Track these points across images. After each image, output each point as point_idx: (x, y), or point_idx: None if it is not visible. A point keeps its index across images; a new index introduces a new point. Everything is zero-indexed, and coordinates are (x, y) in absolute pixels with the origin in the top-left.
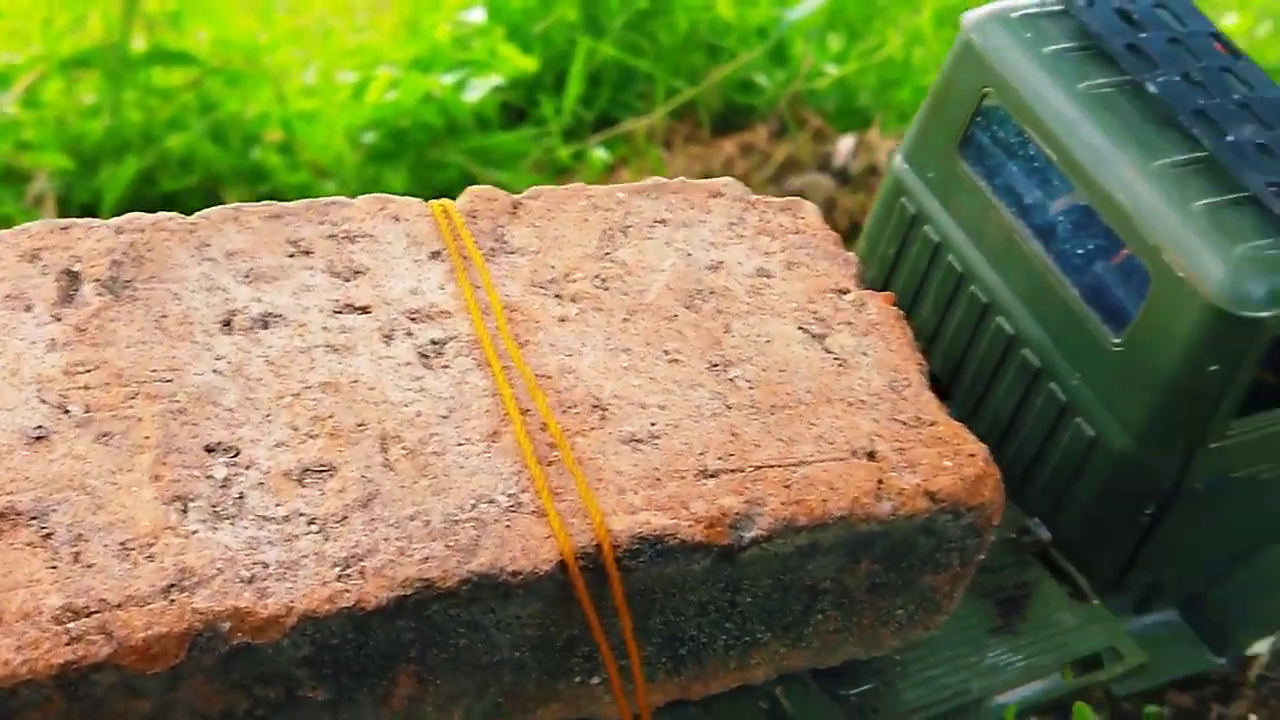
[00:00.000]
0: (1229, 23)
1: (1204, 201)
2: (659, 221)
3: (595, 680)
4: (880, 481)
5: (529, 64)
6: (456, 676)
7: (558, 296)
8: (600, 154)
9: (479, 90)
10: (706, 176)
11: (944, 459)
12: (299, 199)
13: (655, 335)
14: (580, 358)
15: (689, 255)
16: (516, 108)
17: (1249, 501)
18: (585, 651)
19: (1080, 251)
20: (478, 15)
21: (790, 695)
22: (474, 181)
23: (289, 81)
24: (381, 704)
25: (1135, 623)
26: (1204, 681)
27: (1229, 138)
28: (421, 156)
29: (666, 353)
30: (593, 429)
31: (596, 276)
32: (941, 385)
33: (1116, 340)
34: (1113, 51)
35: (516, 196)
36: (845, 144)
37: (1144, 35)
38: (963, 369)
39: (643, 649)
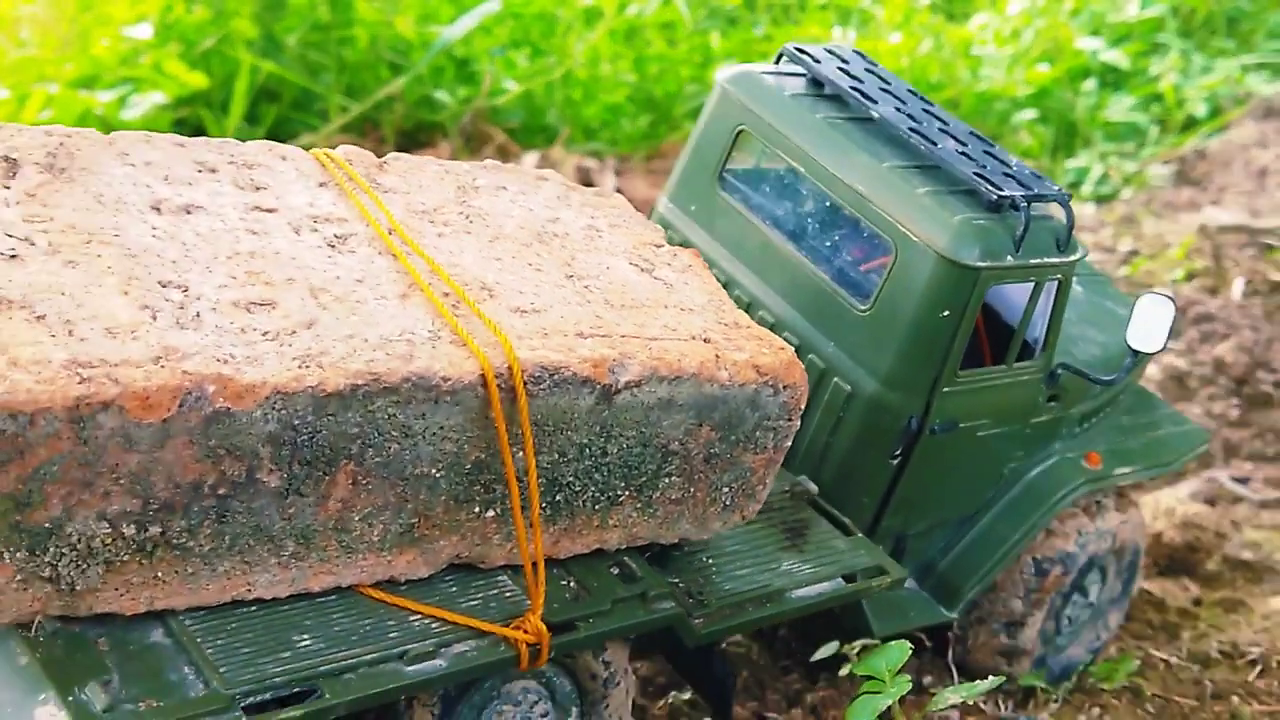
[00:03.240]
0: (893, 40)
1: (926, 189)
2: (501, 188)
3: (490, 514)
4: (718, 356)
5: (198, 80)
6: (384, 487)
7: (432, 222)
8: None
9: (140, 107)
10: None
11: (763, 348)
12: None
13: (518, 253)
14: (463, 257)
15: (531, 210)
16: (195, 125)
17: (972, 456)
18: (487, 480)
19: (827, 244)
20: (145, 31)
21: (635, 562)
22: None
23: None
24: (319, 506)
25: None
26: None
27: (939, 147)
28: None
29: (530, 264)
30: (484, 301)
31: (460, 213)
32: None
33: (863, 308)
34: (841, 91)
35: (379, 159)
36: (529, 160)
37: (863, 83)
38: None
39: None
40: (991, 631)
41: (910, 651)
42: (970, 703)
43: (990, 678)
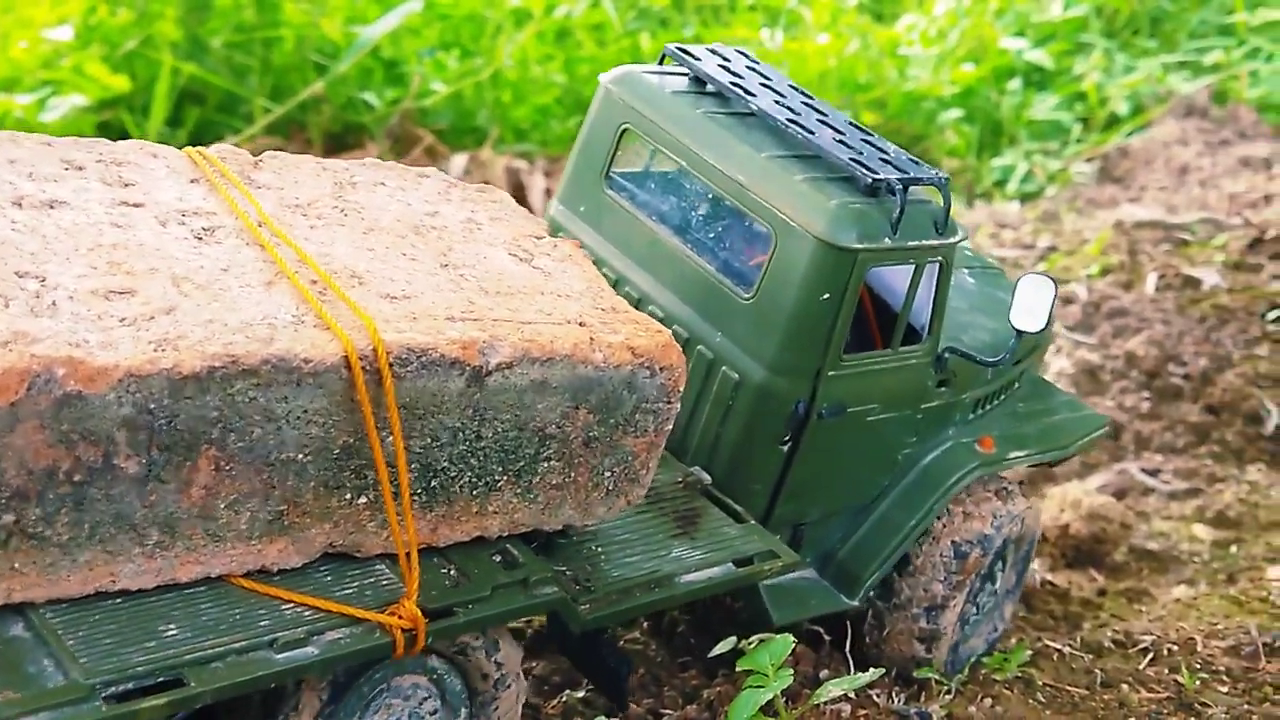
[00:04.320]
0: (821, 41)
1: (804, 176)
2: (379, 184)
3: (362, 500)
4: (592, 338)
5: (120, 83)
6: (249, 472)
7: (305, 215)
8: None
9: (60, 110)
10: None
11: (639, 331)
12: None
13: (393, 244)
14: (334, 248)
15: (409, 205)
16: (118, 128)
17: (864, 442)
18: (357, 467)
19: (711, 236)
20: (65, 33)
21: (518, 549)
22: None
23: None
24: (182, 492)
25: (782, 576)
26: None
27: (816, 136)
28: None
29: (404, 254)
30: (353, 289)
31: (334, 208)
32: None
33: (747, 296)
34: (721, 87)
35: (255, 157)
36: (458, 161)
37: (743, 79)
38: None
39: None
40: (911, 617)
41: (793, 645)
42: (854, 694)
43: (871, 670)
